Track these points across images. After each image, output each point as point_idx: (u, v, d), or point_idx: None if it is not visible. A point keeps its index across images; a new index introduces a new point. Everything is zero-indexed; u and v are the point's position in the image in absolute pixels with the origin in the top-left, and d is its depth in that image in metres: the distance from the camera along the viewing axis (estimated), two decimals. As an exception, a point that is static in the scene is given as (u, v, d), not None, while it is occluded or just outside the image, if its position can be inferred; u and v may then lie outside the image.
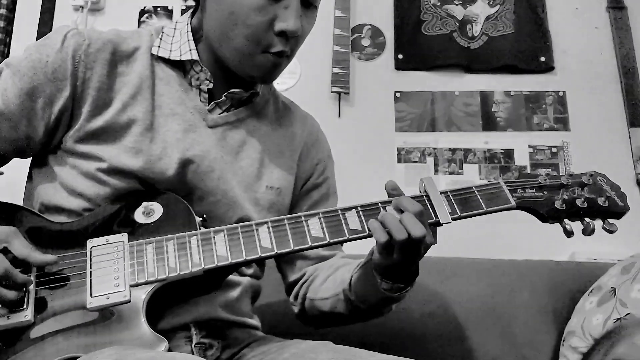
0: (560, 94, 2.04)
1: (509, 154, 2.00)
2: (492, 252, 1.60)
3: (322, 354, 0.83)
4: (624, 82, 2.01)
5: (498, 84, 2.07)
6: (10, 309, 0.75)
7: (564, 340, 1.30)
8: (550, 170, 1.96)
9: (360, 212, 0.86)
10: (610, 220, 0.92)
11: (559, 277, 1.45)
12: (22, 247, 0.78)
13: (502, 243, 1.75)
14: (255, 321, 1.05)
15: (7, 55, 2.16)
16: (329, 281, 1.01)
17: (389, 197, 0.88)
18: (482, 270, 1.49)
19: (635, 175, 1.92)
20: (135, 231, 0.85)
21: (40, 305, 0.77)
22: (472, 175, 1.98)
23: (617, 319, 1.16)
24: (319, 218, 0.85)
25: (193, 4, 1.01)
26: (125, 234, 0.84)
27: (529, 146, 2.00)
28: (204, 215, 0.90)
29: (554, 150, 1.99)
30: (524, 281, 1.44)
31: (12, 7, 2.21)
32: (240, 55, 0.92)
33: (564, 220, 0.92)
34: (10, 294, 0.74)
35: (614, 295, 1.21)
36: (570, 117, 2.02)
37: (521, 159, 1.99)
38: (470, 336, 1.37)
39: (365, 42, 2.15)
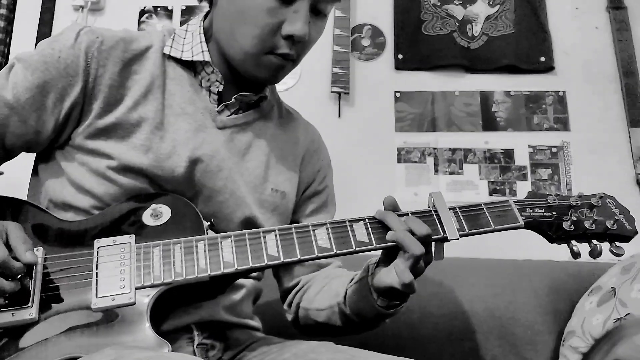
0: (560, 94, 2.04)
1: (509, 154, 2.00)
2: (492, 252, 1.61)
3: (323, 354, 0.83)
4: (624, 82, 2.01)
5: (498, 84, 2.07)
6: (15, 305, 0.75)
7: (564, 340, 1.30)
8: (550, 170, 1.96)
9: (368, 224, 0.86)
10: (617, 244, 0.92)
11: (559, 277, 1.46)
12: (16, 240, 0.76)
13: (502, 243, 1.75)
14: (256, 322, 1.06)
15: (7, 55, 2.16)
16: (323, 292, 1.02)
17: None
18: (482, 270, 1.49)
19: (635, 175, 1.92)
20: (143, 233, 0.85)
21: (45, 304, 0.77)
22: (472, 175, 1.98)
23: (617, 319, 1.16)
24: (327, 228, 0.85)
25: (195, 4, 1.01)
26: (133, 236, 0.84)
27: (529, 146, 2.00)
28: (212, 220, 0.90)
29: (554, 150, 1.99)
30: (524, 281, 1.45)
31: (12, 7, 2.21)
32: (245, 54, 0.93)
33: (572, 241, 0.92)
34: (8, 285, 0.74)
35: (614, 295, 1.21)
36: (570, 117, 2.02)
37: (521, 159, 1.99)
38: (470, 336, 1.37)
39: (365, 42, 2.15)
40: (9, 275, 0.74)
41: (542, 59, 2.06)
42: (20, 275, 0.75)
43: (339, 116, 2.05)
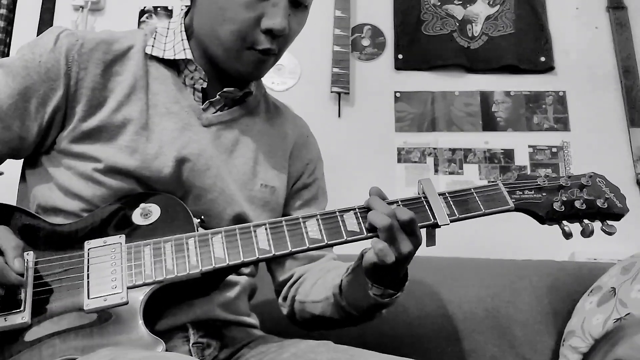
0: (560, 94, 2.04)
1: (509, 154, 2.00)
2: (492, 252, 1.60)
3: (322, 354, 0.83)
4: (624, 82, 2.01)
5: (498, 84, 2.07)
6: (7, 310, 0.75)
7: (564, 340, 1.30)
8: (550, 170, 1.96)
9: (358, 213, 0.85)
10: (609, 222, 0.92)
11: (559, 277, 1.45)
12: (8, 242, 0.76)
13: (502, 243, 1.75)
14: (252, 319, 1.05)
15: (7, 56, 2.16)
16: (318, 284, 1.01)
17: None
18: (482, 270, 1.48)
19: (635, 175, 1.92)
20: (133, 233, 0.85)
21: (38, 307, 0.77)
22: (472, 175, 1.98)
23: (617, 319, 1.15)
24: (317, 220, 0.85)
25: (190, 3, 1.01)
26: (123, 236, 0.83)
27: (529, 146, 2.00)
28: (202, 217, 0.90)
29: (554, 150, 1.98)
30: (524, 281, 1.44)
31: (12, 7, 2.21)
32: (226, 50, 0.92)
33: (563, 222, 0.91)
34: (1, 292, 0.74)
35: (614, 295, 1.21)
36: (570, 117, 2.01)
37: (521, 159, 1.99)
38: (469, 336, 1.37)
39: (365, 42, 2.15)
40: (4, 284, 0.74)
41: (542, 59, 2.06)
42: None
43: (339, 116, 2.05)
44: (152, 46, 0.97)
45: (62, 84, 0.89)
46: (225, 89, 0.98)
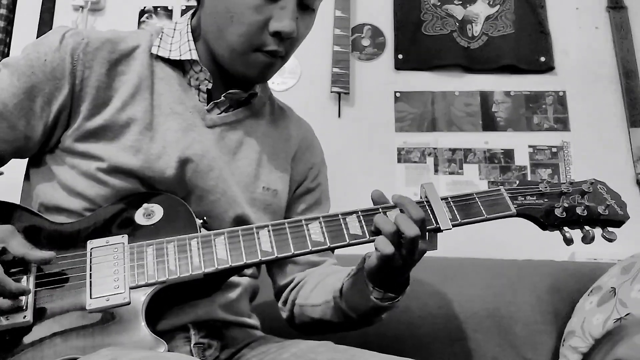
0: (560, 94, 2.04)
1: (509, 154, 2.00)
2: (492, 252, 1.61)
3: (322, 354, 0.83)
4: (624, 82, 2.01)
5: (498, 84, 2.07)
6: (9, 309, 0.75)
7: (564, 340, 1.30)
8: (550, 170, 1.96)
9: (361, 217, 0.86)
10: (609, 229, 0.92)
11: (559, 277, 1.45)
12: (19, 246, 0.77)
13: (502, 243, 1.75)
14: (254, 320, 1.05)
15: (7, 56, 2.16)
16: (318, 288, 1.01)
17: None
18: (483, 271, 1.49)
19: (635, 175, 1.92)
20: (136, 233, 0.85)
21: (40, 307, 0.77)
22: (472, 176, 1.98)
23: (617, 319, 1.15)
24: (320, 222, 0.85)
25: (194, 4, 1.01)
26: (126, 236, 0.83)
27: (529, 146, 2.00)
28: (205, 217, 0.90)
29: (554, 150, 1.99)
30: (524, 281, 1.44)
31: (12, 7, 2.21)
32: (233, 52, 0.92)
33: (564, 228, 0.92)
34: (5, 304, 0.74)
35: (614, 295, 1.21)
36: (570, 117, 2.02)
37: (521, 159, 1.99)
38: (470, 336, 1.37)
39: (365, 42, 2.15)
40: (6, 295, 0.74)
41: (542, 59, 2.06)
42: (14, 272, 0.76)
43: (339, 116, 2.05)
44: (159, 46, 0.97)
45: (67, 83, 0.89)
46: (230, 91, 0.98)
